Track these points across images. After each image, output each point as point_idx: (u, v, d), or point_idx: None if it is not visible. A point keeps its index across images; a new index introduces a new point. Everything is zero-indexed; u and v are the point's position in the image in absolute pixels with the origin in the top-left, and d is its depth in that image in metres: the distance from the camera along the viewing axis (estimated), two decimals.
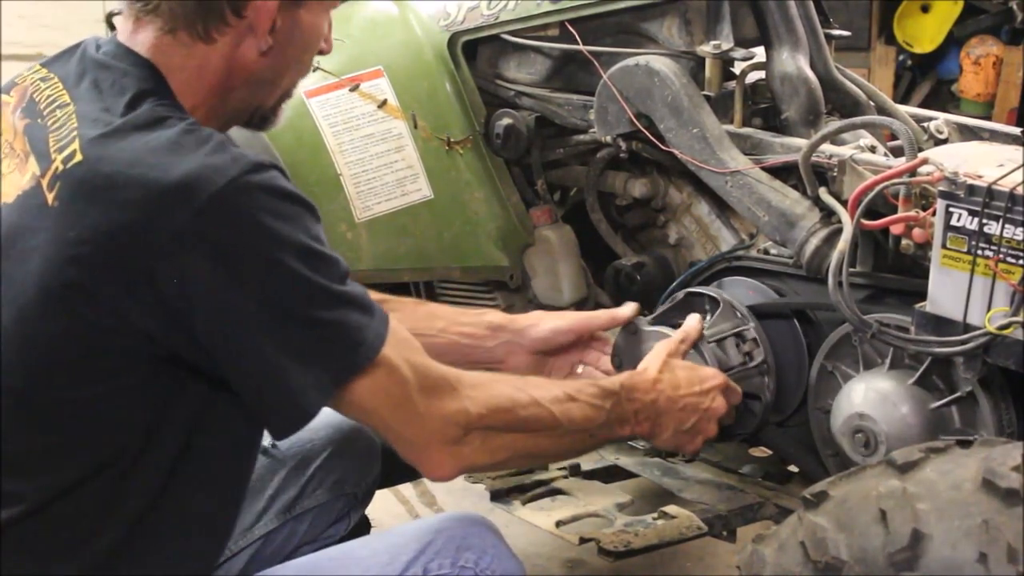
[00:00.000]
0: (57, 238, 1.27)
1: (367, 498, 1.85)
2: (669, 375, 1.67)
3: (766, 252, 1.90)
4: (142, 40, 1.39)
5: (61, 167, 1.30)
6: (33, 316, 1.29)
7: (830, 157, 1.74)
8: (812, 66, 1.96)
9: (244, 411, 1.37)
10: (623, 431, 1.60)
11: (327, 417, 1.85)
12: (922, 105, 3.96)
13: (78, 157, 1.29)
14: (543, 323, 1.83)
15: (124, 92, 1.35)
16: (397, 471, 2.14)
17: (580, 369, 1.86)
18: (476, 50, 2.18)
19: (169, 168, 1.25)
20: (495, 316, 1.86)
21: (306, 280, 1.28)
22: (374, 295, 1.43)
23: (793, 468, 1.98)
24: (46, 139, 1.33)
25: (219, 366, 1.30)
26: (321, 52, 1.54)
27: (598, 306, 2.23)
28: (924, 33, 4.40)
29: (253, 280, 1.26)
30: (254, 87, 1.42)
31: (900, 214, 1.59)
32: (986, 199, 1.47)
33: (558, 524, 1.79)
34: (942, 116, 2.06)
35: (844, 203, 1.67)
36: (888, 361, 1.67)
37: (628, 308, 1.84)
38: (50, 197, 1.29)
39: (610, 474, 2.04)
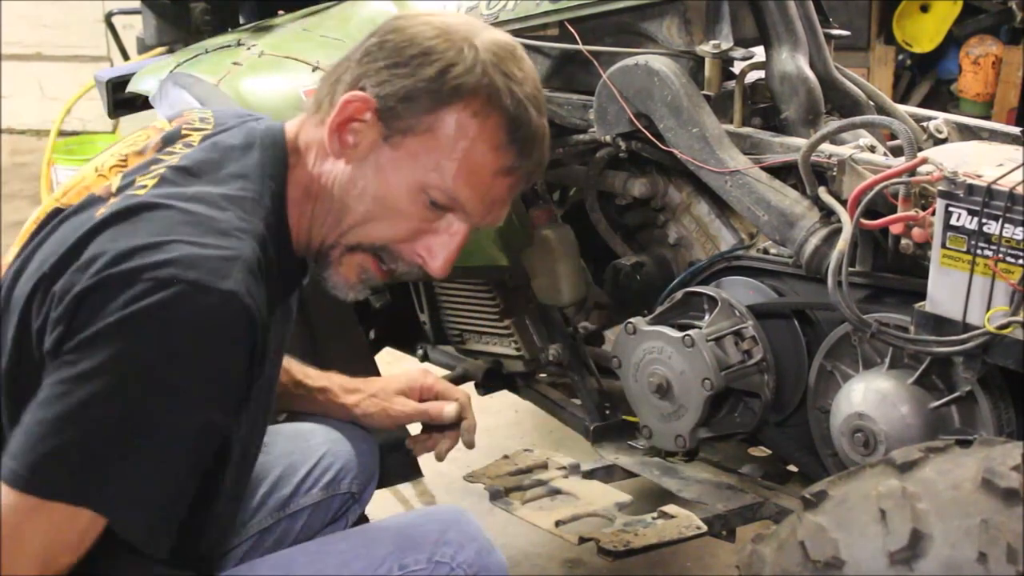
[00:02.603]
0: (48, 252, 1.29)
1: (365, 497, 1.84)
2: None
3: (766, 252, 1.90)
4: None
5: (114, 193, 1.31)
6: (6, 315, 1.30)
7: (830, 157, 1.74)
8: (812, 66, 1.96)
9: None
10: None
11: (322, 415, 1.85)
12: (922, 105, 3.95)
13: (140, 193, 1.29)
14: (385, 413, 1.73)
15: (227, 163, 1.34)
16: (396, 471, 2.14)
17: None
18: None
19: (139, 254, 1.20)
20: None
21: (118, 401, 1.17)
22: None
23: (793, 468, 1.98)
24: (140, 171, 1.34)
25: None
26: (422, 263, 1.39)
27: (598, 306, 2.24)
28: (923, 33, 4.40)
29: (86, 365, 1.17)
30: (321, 205, 1.36)
31: (900, 214, 1.59)
32: (985, 199, 1.47)
33: (558, 524, 1.79)
34: (942, 116, 2.05)
35: (844, 203, 1.67)
36: (887, 361, 1.67)
37: (450, 407, 1.70)
38: (98, 212, 1.29)
39: (610, 474, 2.04)
